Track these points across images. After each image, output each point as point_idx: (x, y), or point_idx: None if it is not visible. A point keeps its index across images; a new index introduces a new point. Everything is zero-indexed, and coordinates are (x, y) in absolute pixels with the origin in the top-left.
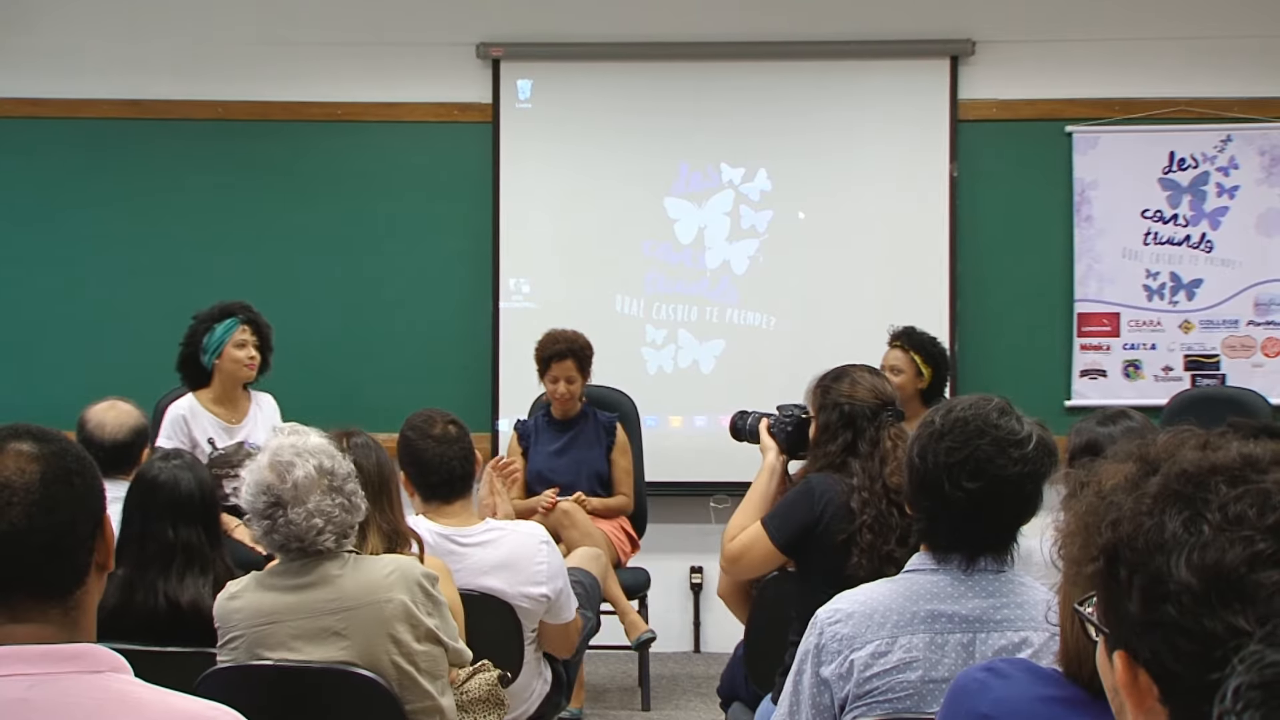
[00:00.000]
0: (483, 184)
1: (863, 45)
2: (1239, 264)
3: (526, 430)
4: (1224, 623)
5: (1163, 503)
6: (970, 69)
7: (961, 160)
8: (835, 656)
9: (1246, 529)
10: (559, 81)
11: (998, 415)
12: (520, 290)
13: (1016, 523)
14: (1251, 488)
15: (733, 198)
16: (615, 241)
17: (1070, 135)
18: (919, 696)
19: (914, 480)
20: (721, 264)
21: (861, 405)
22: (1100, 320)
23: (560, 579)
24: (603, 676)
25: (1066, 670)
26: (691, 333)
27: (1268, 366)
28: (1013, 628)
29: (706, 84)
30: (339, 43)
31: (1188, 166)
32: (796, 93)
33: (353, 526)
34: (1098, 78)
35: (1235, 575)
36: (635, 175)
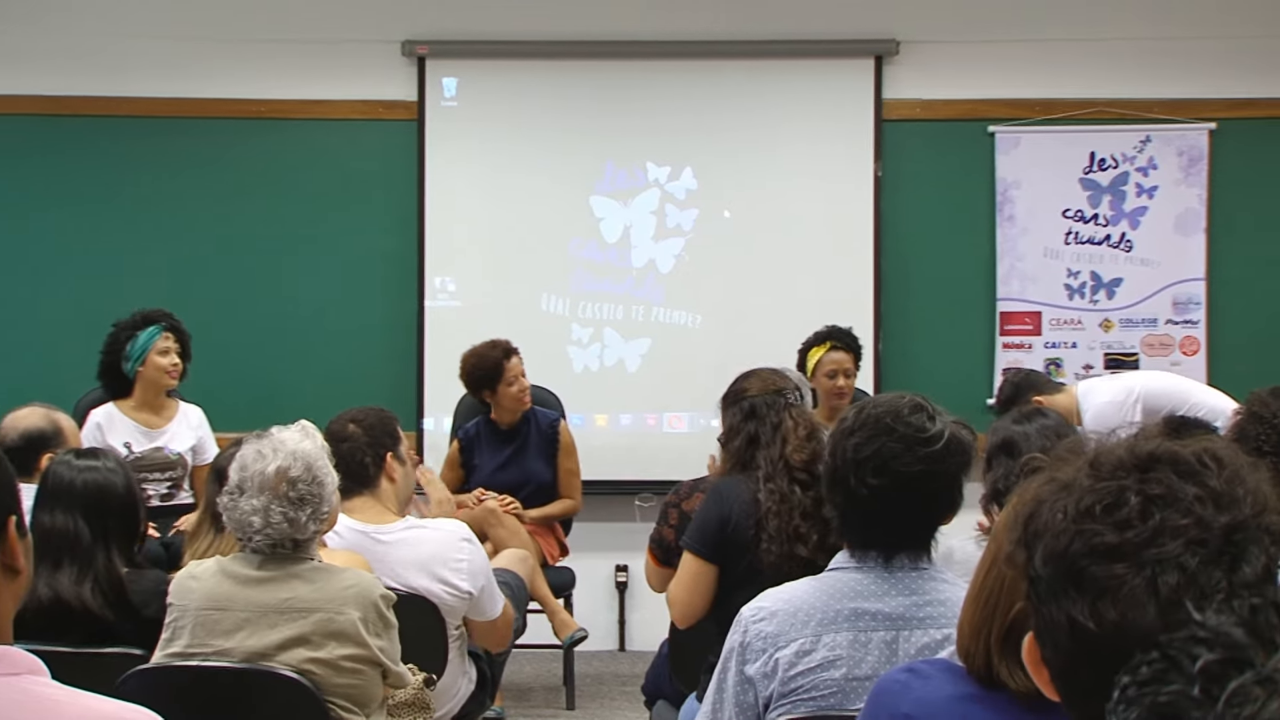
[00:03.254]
0: (408, 182)
1: (788, 45)
2: (1158, 263)
3: (468, 439)
4: (1065, 613)
5: (1052, 493)
6: (894, 69)
7: (885, 159)
8: (760, 655)
9: (1092, 522)
10: (485, 80)
11: (909, 412)
12: (445, 289)
13: (931, 521)
14: (1111, 484)
15: (659, 196)
16: (541, 240)
17: (993, 135)
18: (843, 694)
19: (826, 475)
20: (647, 263)
21: (759, 396)
22: (1022, 319)
23: (483, 575)
24: (528, 676)
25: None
26: (617, 331)
27: (1185, 364)
28: (935, 625)
29: (632, 83)
30: (262, 39)
31: (1108, 167)
32: (722, 92)
33: (294, 540)
34: (1020, 78)
35: (1076, 567)
36: (561, 174)
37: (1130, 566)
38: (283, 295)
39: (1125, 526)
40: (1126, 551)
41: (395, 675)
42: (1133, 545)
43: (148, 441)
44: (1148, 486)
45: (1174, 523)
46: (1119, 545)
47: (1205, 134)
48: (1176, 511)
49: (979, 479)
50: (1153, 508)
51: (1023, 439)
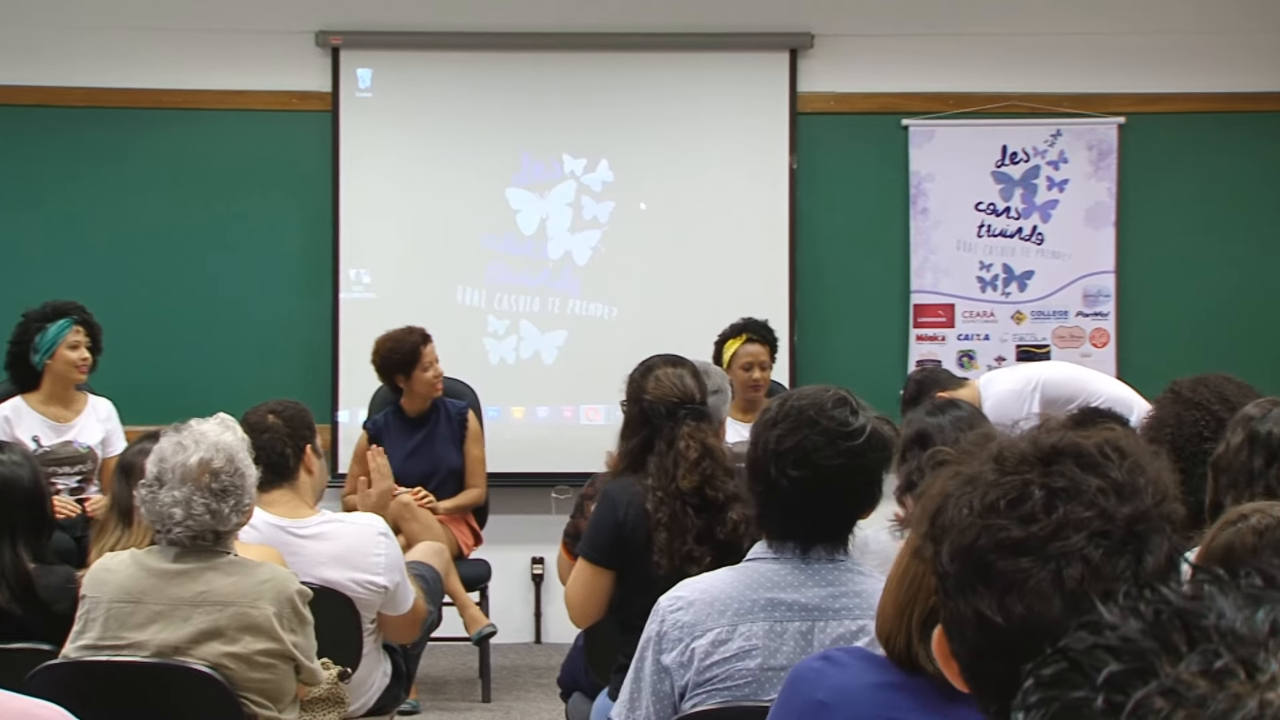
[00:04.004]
0: (322, 174)
1: (703, 37)
2: (1069, 256)
3: (377, 430)
4: (972, 607)
5: (957, 487)
6: (809, 62)
7: (801, 152)
8: (676, 644)
9: (997, 517)
10: (400, 71)
11: (832, 406)
12: (360, 281)
13: (850, 514)
14: (1015, 479)
15: (575, 188)
16: (457, 232)
17: (906, 128)
18: (758, 684)
19: (748, 466)
20: (564, 255)
21: (659, 403)
22: (936, 311)
23: (398, 570)
24: (443, 669)
25: (902, 666)
26: (534, 323)
27: (1095, 356)
28: (850, 616)
29: (548, 74)
30: (174, 29)
31: (1020, 160)
32: (638, 84)
33: (216, 533)
34: (933, 72)
35: (983, 561)
36: (477, 166)
37: (1035, 560)
38: (194, 287)
39: (1030, 520)
40: (1031, 545)
41: (309, 671)
42: (1037, 539)
43: (56, 435)
44: (1051, 480)
45: (1077, 515)
46: (1024, 539)
47: (1114, 128)
48: (1080, 504)
49: (894, 471)
50: (1056, 501)
51: (936, 430)
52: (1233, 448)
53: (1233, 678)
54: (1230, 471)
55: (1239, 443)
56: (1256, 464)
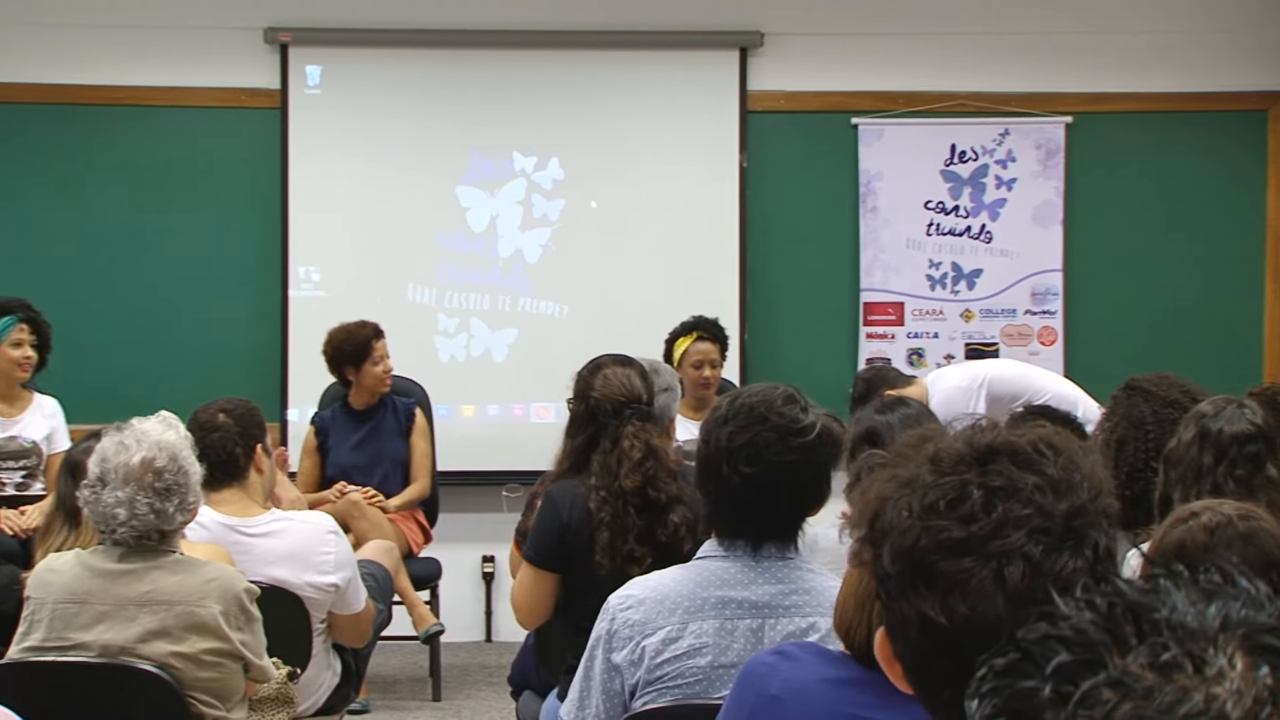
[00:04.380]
0: (271, 171)
1: (654, 35)
2: (1017, 254)
3: (324, 424)
4: (915, 608)
5: (898, 488)
6: (759, 60)
7: (751, 150)
8: (627, 643)
9: (938, 518)
10: (349, 68)
11: (782, 403)
12: (310, 279)
13: (800, 511)
14: (953, 479)
15: (525, 186)
16: (407, 230)
17: (856, 127)
18: (708, 682)
19: (699, 464)
20: (514, 253)
21: (605, 402)
22: (885, 309)
23: (349, 569)
24: (393, 668)
25: (859, 659)
26: (484, 321)
27: (1043, 354)
28: (800, 613)
29: (499, 72)
30: (122, 25)
31: (968, 159)
32: (589, 82)
33: (161, 532)
34: (883, 71)
35: (924, 562)
36: (427, 163)
37: (977, 559)
38: (143, 285)
39: (970, 520)
40: (972, 545)
41: (258, 669)
42: (978, 538)
43: (1, 431)
44: (988, 479)
45: (1016, 513)
46: (965, 539)
47: (1062, 127)
48: (1018, 502)
49: (843, 468)
50: (995, 500)
51: (885, 428)
52: (1184, 443)
53: (1180, 671)
54: (1180, 466)
55: (1190, 438)
56: (1206, 460)
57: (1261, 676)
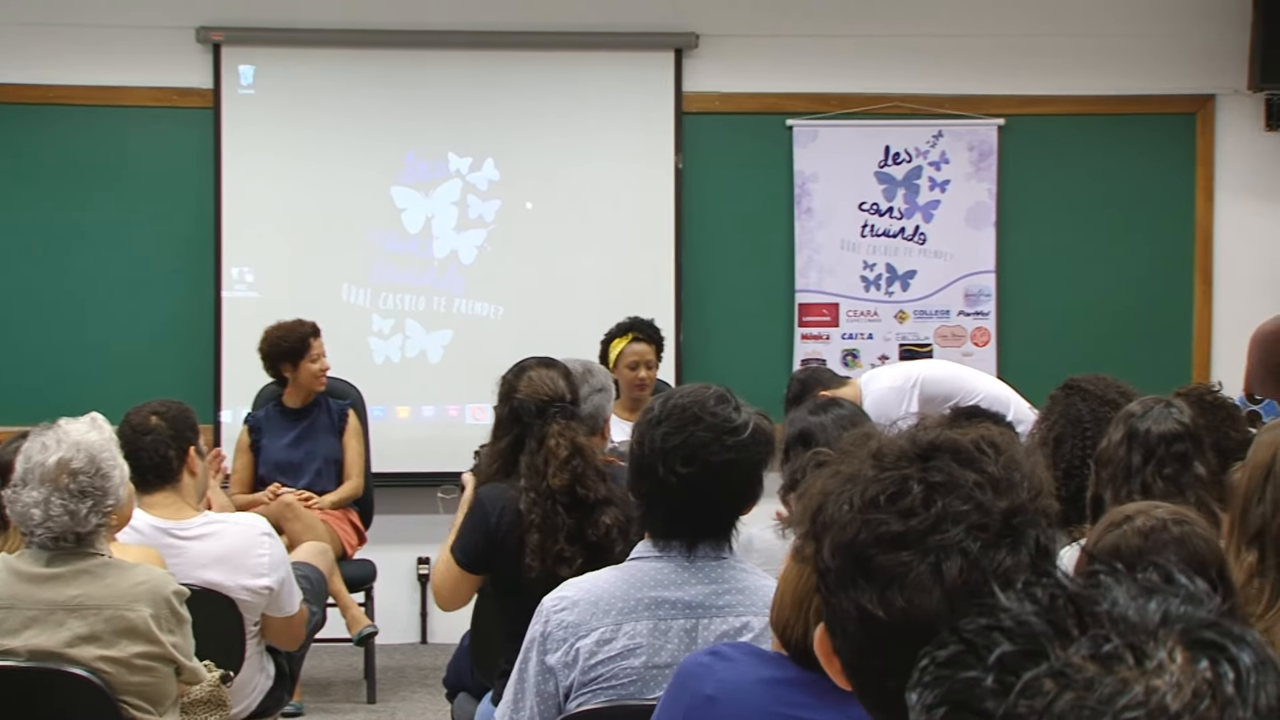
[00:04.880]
0: (204, 171)
1: (589, 36)
2: (950, 256)
3: (257, 422)
4: (853, 601)
5: (839, 486)
6: (694, 62)
7: (686, 151)
8: (561, 644)
9: (877, 512)
10: (283, 68)
11: (714, 403)
12: (244, 279)
13: (734, 510)
14: (894, 474)
15: (460, 187)
16: (341, 230)
17: (790, 128)
18: (642, 683)
19: (632, 465)
20: (449, 254)
21: (529, 402)
22: (820, 310)
23: (283, 570)
24: (327, 670)
25: (795, 656)
26: (419, 323)
27: (977, 355)
28: (734, 613)
29: (434, 73)
30: (52, 23)
31: (902, 161)
32: (524, 83)
33: (76, 534)
34: (817, 73)
35: (863, 556)
36: (361, 164)
37: (915, 554)
38: (74, 286)
39: (909, 515)
40: (911, 539)
41: (189, 671)
42: (917, 533)
43: None
44: (929, 475)
45: (955, 509)
46: (904, 533)
47: (994, 129)
48: (958, 498)
49: (777, 469)
50: (935, 495)
51: (819, 429)
52: (1113, 443)
53: (1121, 663)
54: (1110, 466)
55: (1119, 438)
56: (1135, 460)
57: (1201, 670)
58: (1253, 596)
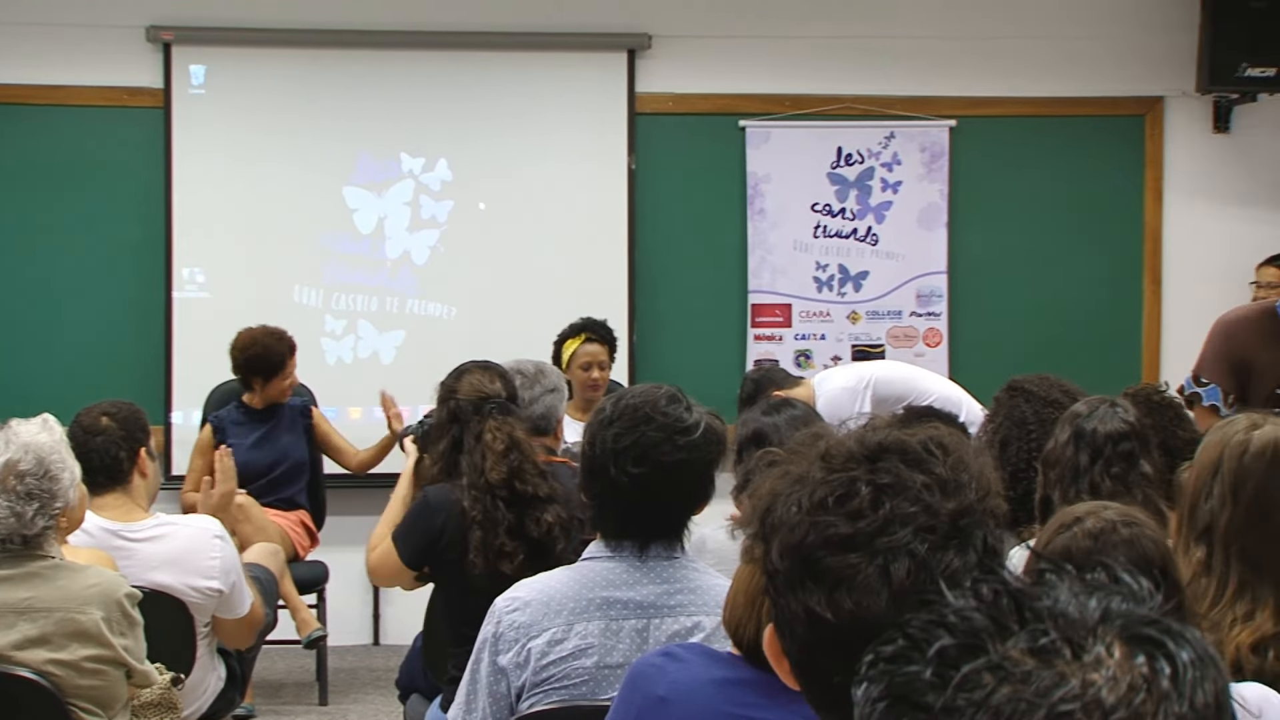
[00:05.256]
0: (154, 171)
1: (542, 37)
2: (902, 257)
3: (220, 423)
4: (801, 603)
5: (788, 486)
6: (647, 63)
7: (639, 152)
8: (513, 645)
9: (826, 514)
10: (234, 67)
11: (666, 403)
12: (195, 280)
13: (686, 510)
14: (841, 475)
15: (413, 188)
16: (293, 231)
17: (743, 129)
18: (594, 683)
19: (584, 466)
20: (402, 254)
21: (466, 401)
22: (773, 311)
23: (234, 573)
24: (279, 672)
25: (747, 655)
26: (371, 323)
27: (929, 356)
28: (686, 613)
29: (386, 73)
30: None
31: (854, 162)
32: (477, 83)
33: (23, 536)
34: (770, 74)
35: (812, 558)
36: (313, 164)
37: (863, 555)
38: (24, 286)
39: (857, 516)
40: (859, 541)
41: (140, 674)
42: (865, 534)
43: None
44: (877, 476)
45: (904, 511)
46: (852, 535)
47: (946, 131)
48: (905, 499)
49: (730, 470)
50: (883, 497)
51: (772, 430)
52: (1060, 444)
53: (1058, 657)
54: (1058, 467)
55: (1066, 439)
56: (1082, 460)
57: (1138, 665)
58: (1200, 593)
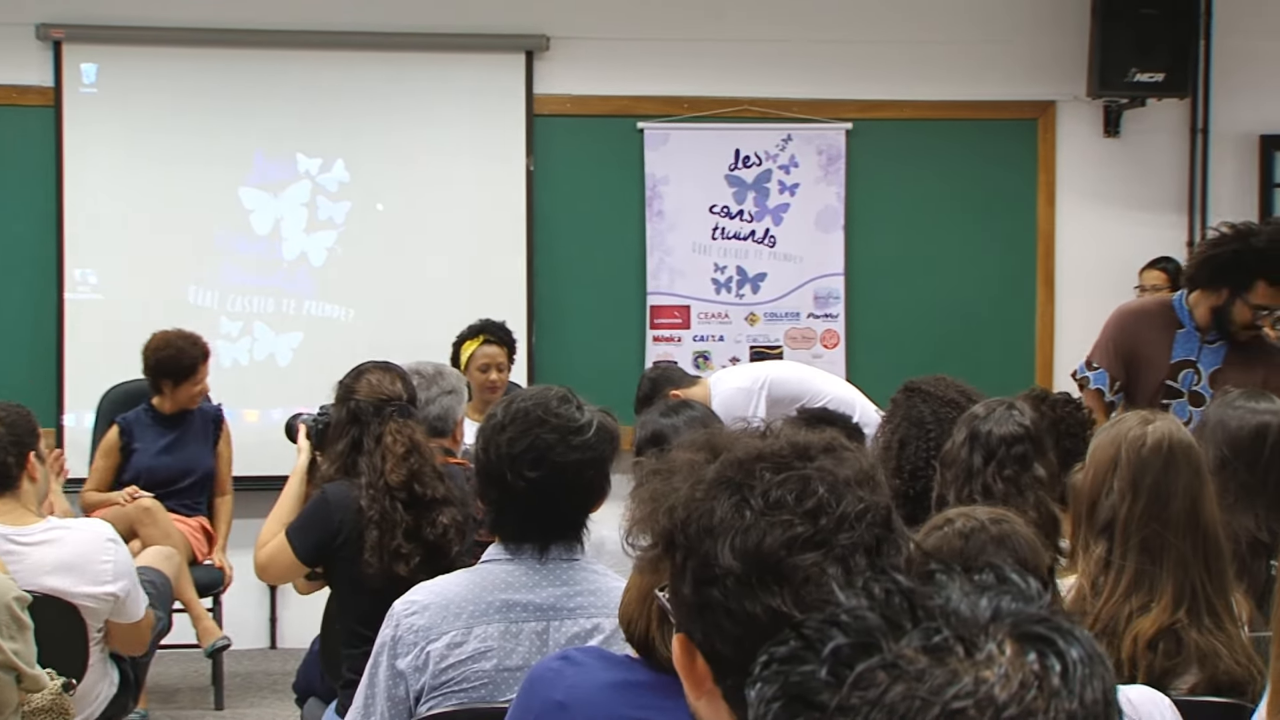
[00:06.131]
0: (45, 171)
1: (440, 37)
2: (800, 259)
3: (128, 425)
4: (763, 605)
5: (714, 489)
6: (545, 64)
7: (537, 154)
8: (411, 648)
9: (785, 513)
10: (127, 66)
11: (557, 404)
12: (87, 281)
13: (583, 510)
14: (793, 474)
15: (310, 188)
16: (188, 231)
17: (642, 131)
18: (493, 685)
19: (480, 473)
20: (299, 255)
21: (367, 403)
22: (672, 313)
23: (128, 577)
24: (174, 676)
25: (639, 650)
26: (268, 325)
27: (826, 357)
28: (585, 615)
29: (282, 73)
30: None
31: (752, 164)
32: (374, 84)
33: None
34: (668, 76)
35: (774, 558)
36: (208, 164)
37: (825, 553)
38: None
39: (817, 514)
40: (821, 539)
41: (31, 679)
42: (826, 531)
43: None
44: (824, 475)
45: (856, 508)
46: (814, 534)
47: (842, 133)
48: (853, 496)
49: (627, 470)
50: (836, 494)
51: (671, 431)
52: (957, 445)
53: (951, 655)
54: (954, 467)
55: (962, 440)
56: (976, 462)
57: (1029, 662)
58: (1100, 589)
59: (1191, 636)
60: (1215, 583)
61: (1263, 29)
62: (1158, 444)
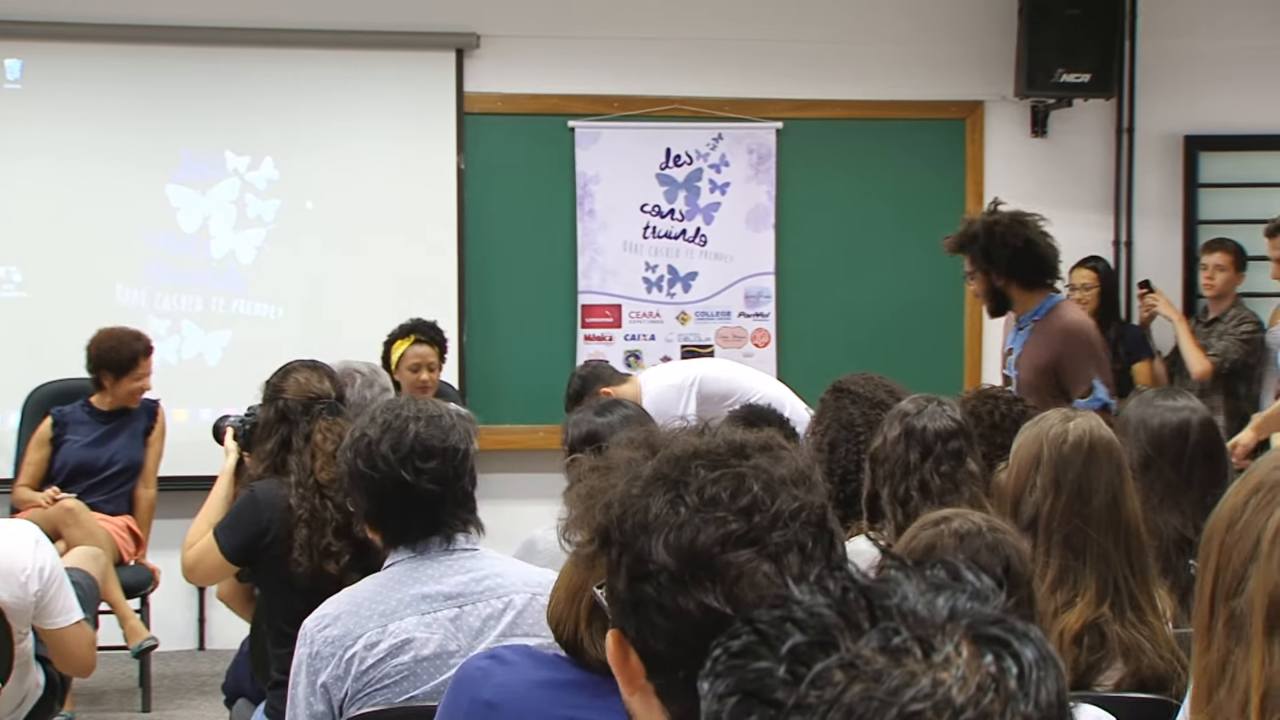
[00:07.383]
0: None
1: (369, 35)
2: (731, 258)
3: (63, 417)
4: (696, 601)
5: (650, 485)
6: (475, 62)
7: (468, 152)
8: (330, 660)
9: (719, 510)
10: (52, 62)
11: (407, 404)
12: (11, 279)
13: (472, 493)
14: (729, 471)
15: (238, 186)
16: (114, 230)
17: (572, 130)
18: (413, 676)
19: (370, 493)
20: (228, 254)
21: (295, 401)
22: (603, 311)
23: (54, 579)
24: (100, 678)
25: (567, 650)
26: (197, 323)
27: (757, 356)
28: (495, 595)
29: (210, 70)
30: None
31: (683, 163)
32: (303, 81)
33: None
34: (599, 75)
35: (707, 555)
36: (134, 162)
37: (758, 550)
38: None
39: (752, 512)
40: (755, 536)
41: None
42: (760, 529)
43: None
44: (759, 473)
45: (790, 506)
46: (748, 531)
47: (773, 133)
48: (787, 495)
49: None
50: (770, 492)
51: (606, 429)
52: (889, 441)
53: (909, 656)
54: (887, 463)
55: (895, 436)
56: (912, 458)
57: (986, 664)
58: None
59: (1115, 631)
60: (1138, 577)
61: (1187, 30)
62: (1079, 441)
